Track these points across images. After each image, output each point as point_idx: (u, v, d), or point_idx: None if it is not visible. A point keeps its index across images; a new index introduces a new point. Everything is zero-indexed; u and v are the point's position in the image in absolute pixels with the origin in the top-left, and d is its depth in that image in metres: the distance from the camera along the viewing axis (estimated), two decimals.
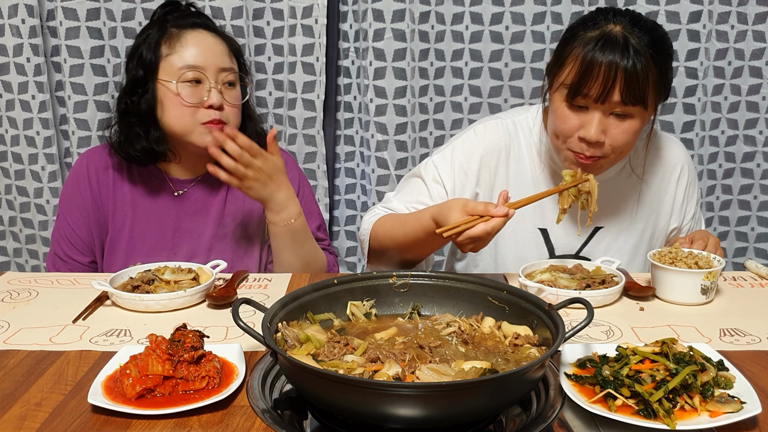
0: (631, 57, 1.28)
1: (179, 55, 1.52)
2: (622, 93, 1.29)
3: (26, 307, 1.30)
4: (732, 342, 1.14)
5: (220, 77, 1.54)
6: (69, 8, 2.01)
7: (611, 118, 1.34)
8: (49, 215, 2.17)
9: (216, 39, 1.57)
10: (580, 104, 1.35)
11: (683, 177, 1.60)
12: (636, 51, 1.29)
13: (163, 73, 1.52)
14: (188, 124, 1.53)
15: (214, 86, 1.53)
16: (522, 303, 1.07)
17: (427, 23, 2.12)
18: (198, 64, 1.52)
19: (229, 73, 1.56)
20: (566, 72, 1.35)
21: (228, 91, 1.56)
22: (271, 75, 2.17)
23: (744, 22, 2.13)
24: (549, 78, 1.44)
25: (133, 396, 0.91)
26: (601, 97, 1.30)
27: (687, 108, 2.18)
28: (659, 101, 1.39)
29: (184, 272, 1.37)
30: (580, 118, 1.35)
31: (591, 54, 1.30)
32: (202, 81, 1.52)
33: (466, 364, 0.95)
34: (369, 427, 0.88)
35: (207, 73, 1.52)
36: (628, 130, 1.34)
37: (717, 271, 1.29)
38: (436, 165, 1.57)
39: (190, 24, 1.55)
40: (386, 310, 1.16)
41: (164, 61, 1.52)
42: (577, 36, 1.35)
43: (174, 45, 1.53)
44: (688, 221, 1.64)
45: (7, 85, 2.09)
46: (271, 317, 0.97)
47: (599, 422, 0.89)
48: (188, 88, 1.52)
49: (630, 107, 1.32)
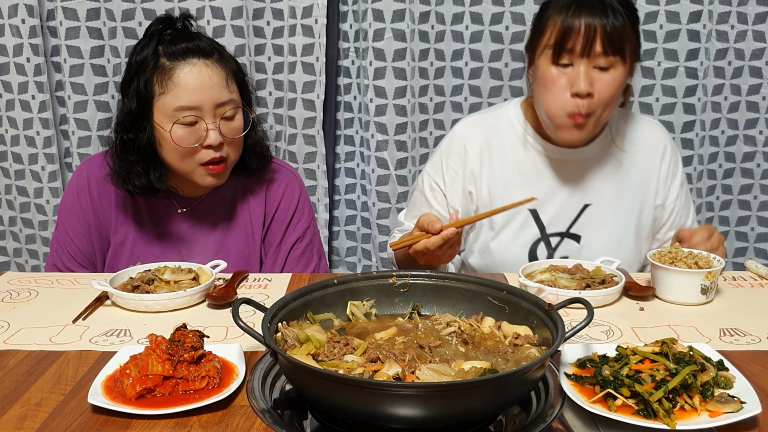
0: (609, 14, 1.39)
1: (173, 95, 1.41)
2: (603, 45, 1.39)
3: (26, 307, 1.30)
4: (732, 342, 1.14)
5: (217, 113, 1.43)
6: (69, 8, 2.01)
7: (595, 71, 1.42)
8: (49, 215, 2.17)
9: (211, 69, 1.44)
10: (565, 62, 1.42)
11: (666, 156, 1.64)
12: (612, 7, 1.40)
13: (157, 114, 1.43)
14: (189, 165, 1.46)
15: (212, 126, 1.43)
16: (522, 303, 1.07)
17: (427, 23, 2.12)
18: (193, 105, 1.41)
19: (227, 106, 1.45)
20: (548, 35, 1.44)
21: (226, 124, 1.45)
22: (271, 75, 2.17)
23: (744, 22, 2.13)
24: (530, 52, 1.52)
25: (133, 396, 0.91)
26: (585, 51, 1.40)
27: (687, 108, 2.18)
28: (633, 58, 1.47)
29: (184, 272, 1.37)
30: (568, 76, 1.43)
31: (569, 15, 1.40)
32: (199, 120, 1.42)
33: (466, 364, 0.95)
34: (369, 427, 0.88)
35: (203, 113, 1.42)
36: (612, 81, 1.43)
37: (717, 271, 1.29)
38: (429, 173, 1.66)
39: (182, 52, 1.43)
40: (386, 310, 1.16)
41: (158, 100, 1.42)
42: (552, 3, 1.46)
43: (166, 84, 1.41)
44: (672, 200, 1.64)
45: (7, 85, 2.09)
46: (271, 317, 0.97)
47: (599, 422, 0.89)
48: (184, 129, 1.42)
49: (611, 57, 1.41)
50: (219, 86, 1.44)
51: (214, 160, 1.46)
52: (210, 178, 1.48)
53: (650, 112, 2.18)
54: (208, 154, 1.45)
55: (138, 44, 1.48)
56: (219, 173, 1.48)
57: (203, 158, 1.45)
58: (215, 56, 1.46)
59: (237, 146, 1.51)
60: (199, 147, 1.44)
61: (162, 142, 1.45)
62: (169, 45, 1.44)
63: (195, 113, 1.42)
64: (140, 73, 1.43)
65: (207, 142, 1.43)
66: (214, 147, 1.44)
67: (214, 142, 1.43)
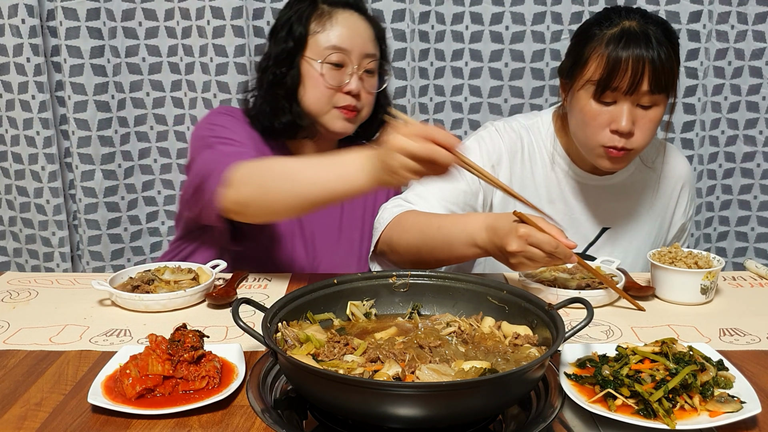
0: (655, 48, 1.34)
1: (327, 34, 1.48)
2: (651, 83, 1.34)
3: (26, 307, 1.30)
4: (732, 342, 1.14)
5: (363, 63, 1.50)
6: (69, 8, 2.01)
7: (637, 109, 1.38)
8: (49, 215, 2.17)
9: (365, 23, 1.53)
10: (608, 100, 1.38)
11: (684, 194, 1.65)
12: (658, 42, 1.34)
13: (309, 51, 1.49)
14: (324, 105, 1.50)
15: (356, 72, 1.50)
16: (522, 303, 1.07)
17: (427, 23, 2.12)
18: (344, 47, 1.48)
19: (371, 59, 1.52)
20: (591, 69, 1.38)
21: (367, 79, 1.53)
22: None
23: (744, 22, 2.13)
24: (569, 80, 1.45)
25: (133, 396, 0.91)
26: (631, 89, 1.35)
27: (687, 108, 2.18)
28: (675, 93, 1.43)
29: (184, 272, 1.37)
30: (609, 113, 1.38)
31: (617, 50, 1.34)
32: (345, 65, 1.49)
33: (466, 364, 0.95)
34: (369, 427, 0.88)
35: (351, 57, 1.49)
36: (654, 118, 1.39)
37: (717, 271, 1.29)
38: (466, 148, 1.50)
39: (342, 3, 1.52)
40: (386, 310, 1.16)
41: (312, 37, 1.49)
42: (596, 35, 1.39)
43: (324, 23, 1.49)
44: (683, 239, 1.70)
45: (7, 85, 2.09)
46: (271, 317, 0.97)
47: (599, 422, 0.89)
48: (331, 70, 1.48)
49: (656, 96, 1.37)
50: (368, 39, 1.52)
51: (349, 107, 1.51)
52: (341, 121, 1.52)
53: None
54: (345, 99, 1.50)
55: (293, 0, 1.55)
56: (351, 119, 1.52)
57: (339, 102, 1.51)
58: (369, 16, 1.56)
59: (370, 103, 1.57)
60: (339, 90, 1.50)
61: (306, 80, 1.50)
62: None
63: (344, 55, 1.48)
64: (297, 15, 1.51)
65: (347, 88, 1.49)
66: (353, 93, 1.50)
67: (354, 88, 1.49)
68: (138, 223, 2.26)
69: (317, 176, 1.21)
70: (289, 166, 1.29)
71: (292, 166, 1.28)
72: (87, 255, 2.21)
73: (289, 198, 1.24)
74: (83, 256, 2.22)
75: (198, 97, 2.14)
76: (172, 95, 2.17)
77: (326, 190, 1.20)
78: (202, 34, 2.08)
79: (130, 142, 2.19)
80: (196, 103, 2.15)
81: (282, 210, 1.29)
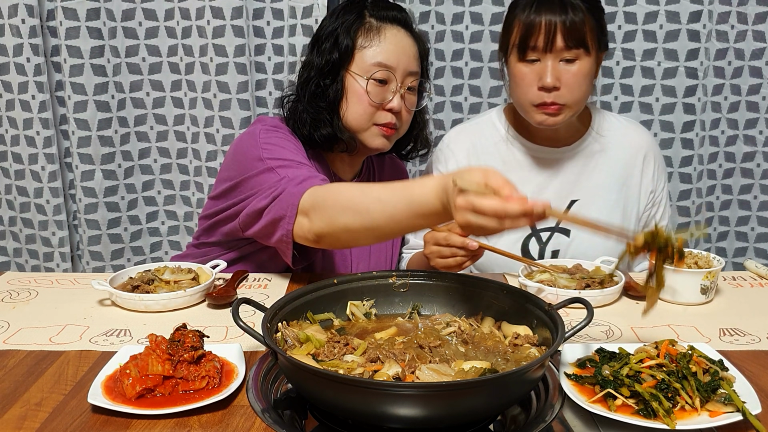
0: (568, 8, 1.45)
1: (374, 50, 1.47)
2: (565, 38, 1.45)
3: (26, 307, 1.30)
4: (732, 342, 1.14)
5: (406, 81, 1.50)
6: (69, 8, 2.01)
7: (561, 64, 1.48)
8: (49, 215, 2.17)
9: (411, 40, 1.52)
10: (532, 58, 1.48)
11: (648, 163, 1.68)
12: (570, 4, 1.46)
13: (355, 65, 1.48)
14: (365, 122, 1.49)
15: (399, 90, 1.49)
16: (522, 303, 1.07)
17: (427, 23, 2.12)
18: (390, 64, 1.47)
19: (415, 78, 1.52)
20: (514, 34, 1.50)
21: (408, 96, 1.52)
22: (271, 75, 2.16)
23: (744, 22, 2.13)
24: (502, 51, 1.57)
25: (133, 396, 0.91)
26: (547, 46, 1.46)
27: (687, 108, 2.18)
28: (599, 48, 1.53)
29: (184, 272, 1.37)
30: (535, 71, 1.49)
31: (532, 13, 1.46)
32: (389, 81, 1.48)
33: (466, 364, 0.95)
34: (369, 427, 0.88)
35: (396, 74, 1.48)
36: (578, 72, 1.48)
37: (716, 271, 1.29)
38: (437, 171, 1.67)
39: (390, 18, 1.50)
40: (386, 310, 1.16)
41: (359, 52, 1.47)
42: (518, 4, 1.51)
43: (372, 38, 1.48)
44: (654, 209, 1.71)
45: (7, 85, 2.09)
46: (271, 317, 0.97)
47: (599, 422, 0.89)
48: (375, 86, 1.47)
49: (574, 50, 1.47)
50: (413, 56, 1.52)
51: (390, 125, 1.51)
52: (380, 139, 1.52)
53: (650, 112, 2.18)
54: (386, 117, 1.50)
55: (337, 8, 1.54)
56: (389, 136, 1.53)
57: (380, 119, 1.50)
58: (415, 33, 1.56)
59: (408, 122, 1.57)
60: (381, 108, 1.49)
61: (349, 95, 1.49)
62: (376, 9, 1.52)
63: (389, 72, 1.48)
64: (345, 27, 1.49)
65: (389, 105, 1.49)
66: (394, 111, 1.50)
67: (396, 106, 1.49)
68: (138, 223, 2.26)
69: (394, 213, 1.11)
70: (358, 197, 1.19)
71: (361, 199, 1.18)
72: (87, 255, 2.21)
73: (362, 231, 1.18)
74: (83, 256, 2.22)
75: (198, 97, 2.14)
76: (172, 95, 2.17)
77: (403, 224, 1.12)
78: (202, 34, 2.08)
79: (130, 142, 2.19)
80: (196, 103, 2.15)
81: (355, 242, 1.28)
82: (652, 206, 1.71)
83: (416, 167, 2.23)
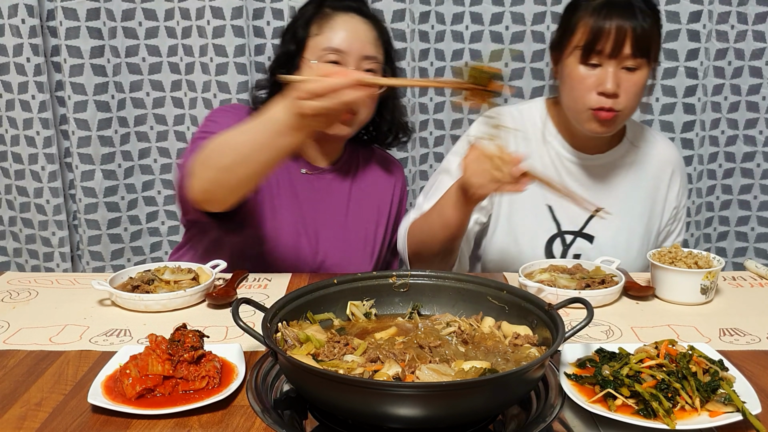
0: (638, 14, 1.43)
1: (326, 36, 1.50)
2: (633, 46, 1.43)
3: (26, 307, 1.30)
4: (732, 342, 1.14)
5: (361, 65, 1.50)
6: (69, 8, 2.01)
7: (622, 72, 1.46)
8: (49, 215, 2.17)
9: (366, 25, 1.54)
10: (594, 62, 1.46)
11: (675, 180, 1.68)
12: (641, 11, 1.44)
13: (308, 52, 1.51)
14: None
15: None
16: (522, 303, 1.07)
17: (427, 23, 2.12)
18: (341, 48, 1.48)
19: (372, 61, 1.52)
20: (578, 36, 1.47)
21: None
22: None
23: (744, 22, 2.13)
24: (558, 51, 1.54)
25: (133, 396, 0.91)
26: (614, 52, 1.43)
27: (687, 108, 2.18)
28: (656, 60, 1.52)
29: (184, 272, 1.37)
30: (596, 76, 1.46)
31: (602, 18, 1.43)
32: (343, 66, 1.49)
33: (466, 364, 0.95)
34: (369, 427, 0.88)
35: (348, 59, 1.49)
36: (638, 82, 1.47)
37: (717, 271, 1.29)
38: (456, 152, 1.61)
39: (344, 7, 1.54)
40: (386, 310, 1.16)
41: (312, 39, 1.51)
42: (582, 6, 1.49)
43: (323, 26, 1.51)
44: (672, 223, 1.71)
45: (7, 85, 2.09)
46: (271, 317, 0.97)
47: (599, 422, 0.89)
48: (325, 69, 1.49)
49: (638, 59, 1.45)
50: (368, 41, 1.53)
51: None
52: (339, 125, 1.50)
53: (650, 112, 2.19)
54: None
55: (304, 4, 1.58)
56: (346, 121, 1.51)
57: None
58: (373, 20, 1.57)
59: (368, 106, 1.55)
60: None
61: None
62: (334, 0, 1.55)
63: (341, 56, 1.48)
64: (303, 19, 1.54)
65: None
66: None
67: None
68: (138, 223, 2.26)
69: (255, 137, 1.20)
70: (227, 136, 1.26)
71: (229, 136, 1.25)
72: (87, 255, 2.21)
73: (240, 168, 1.23)
74: (83, 256, 2.22)
75: (198, 97, 2.14)
76: (172, 95, 2.17)
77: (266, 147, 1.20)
78: (202, 34, 2.08)
79: (130, 142, 2.19)
80: (196, 103, 2.15)
81: (241, 181, 1.27)
82: (673, 221, 1.70)
83: (416, 167, 2.23)
